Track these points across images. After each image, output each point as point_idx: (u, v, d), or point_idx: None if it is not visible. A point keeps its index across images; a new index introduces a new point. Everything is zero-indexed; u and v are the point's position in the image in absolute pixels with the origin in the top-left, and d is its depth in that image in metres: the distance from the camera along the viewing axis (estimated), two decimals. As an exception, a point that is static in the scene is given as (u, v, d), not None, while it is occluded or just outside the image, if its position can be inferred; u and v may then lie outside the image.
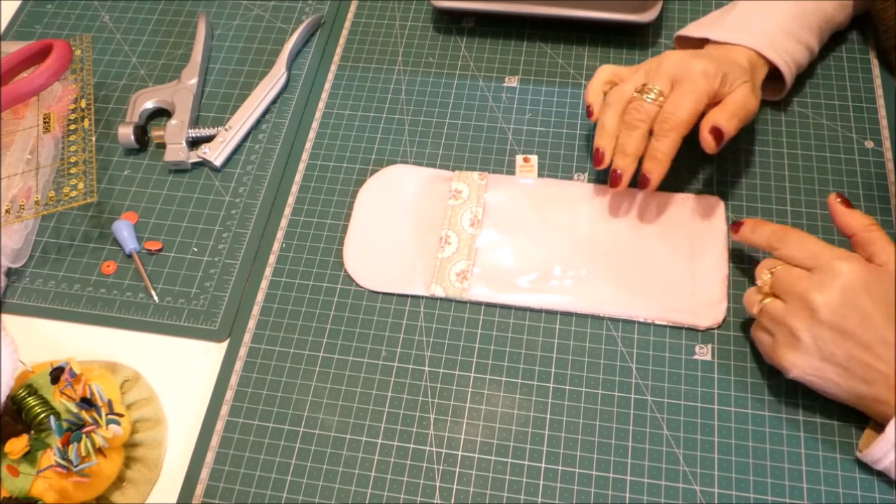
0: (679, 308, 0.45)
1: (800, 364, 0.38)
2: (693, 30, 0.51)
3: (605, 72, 0.49)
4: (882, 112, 0.52)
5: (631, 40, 0.57)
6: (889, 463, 0.38)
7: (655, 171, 0.44)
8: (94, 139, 0.53)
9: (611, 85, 0.48)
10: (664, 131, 0.43)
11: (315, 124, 0.55)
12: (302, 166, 0.53)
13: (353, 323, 0.47)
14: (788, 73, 0.48)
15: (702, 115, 0.44)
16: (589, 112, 0.48)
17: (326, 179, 0.53)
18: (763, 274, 0.40)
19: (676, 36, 0.53)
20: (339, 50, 0.59)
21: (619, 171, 0.45)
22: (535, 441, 0.42)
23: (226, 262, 0.50)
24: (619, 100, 0.46)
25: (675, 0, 0.58)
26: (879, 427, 0.39)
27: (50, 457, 0.39)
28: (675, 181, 0.50)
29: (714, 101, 0.44)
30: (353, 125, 0.55)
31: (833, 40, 0.54)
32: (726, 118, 0.43)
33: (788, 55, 0.48)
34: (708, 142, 0.43)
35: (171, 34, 0.61)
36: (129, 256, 0.50)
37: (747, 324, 0.45)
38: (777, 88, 0.51)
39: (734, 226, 0.43)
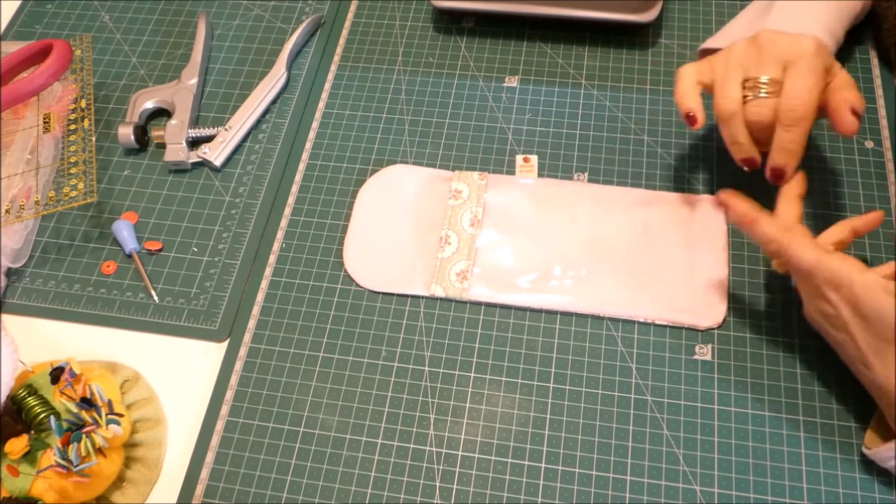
0: (679, 308, 0.45)
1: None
2: (720, 40, 0.48)
3: (691, 73, 0.44)
4: (882, 112, 0.52)
5: (631, 40, 0.57)
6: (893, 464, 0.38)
7: (790, 162, 0.41)
8: (94, 139, 0.53)
9: (702, 86, 0.44)
10: (794, 121, 0.39)
11: (315, 124, 0.55)
12: (302, 166, 0.53)
13: (353, 323, 0.47)
14: None
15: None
16: (691, 121, 0.43)
17: (326, 179, 0.53)
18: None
19: (701, 50, 0.49)
20: (339, 50, 0.59)
21: (783, 169, 0.41)
22: (535, 441, 0.42)
23: (226, 262, 0.50)
24: (734, 109, 0.41)
25: (675, 0, 0.58)
26: (883, 422, 0.39)
27: (50, 457, 0.39)
28: (675, 181, 0.50)
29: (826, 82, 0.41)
30: (353, 125, 0.55)
31: (833, 40, 0.54)
32: (858, 97, 0.40)
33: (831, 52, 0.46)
34: (851, 122, 0.40)
35: (171, 34, 0.61)
36: (129, 256, 0.50)
37: (747, 324, 0.45)
38: None
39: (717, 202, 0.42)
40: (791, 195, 0.41)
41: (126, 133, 0.54)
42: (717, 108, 0.42)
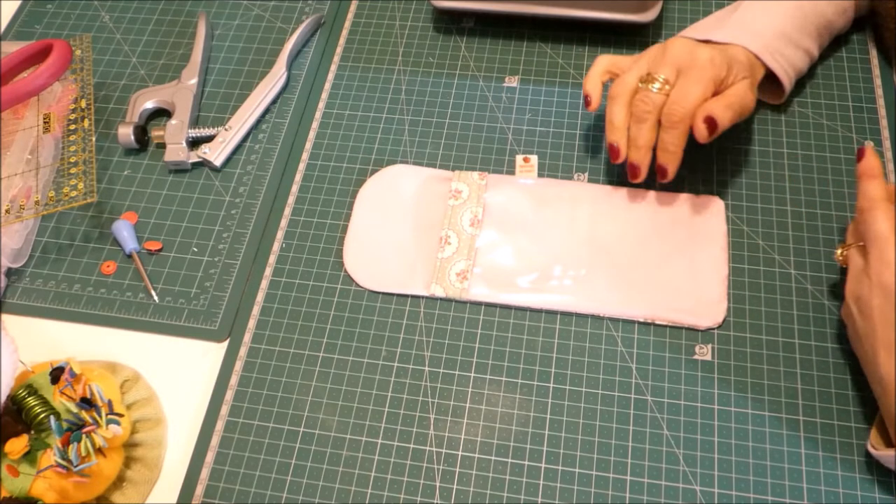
0: (679, 308, 0.45)
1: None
2: (694, 31, 0.51)
3: (604, 61, 0.48)
4: (882, 112, 0.52)
5: (631, 40, 0.57)
6: None
7: (670, 162, 0.44)
8: (94, 139, 0.53)
9: (609, 75, 0.48)
10: (673, 123, 0.43)
11: (315, 124, 0.55)
12: (302, 166, 0.53)
13: (353, 323, 0.47)
14: (786, 77, 0.48)
15: None
16: (587, 102, 0.47)
17: (326, 179, 0.53)
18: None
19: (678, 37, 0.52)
20: (339, 50, 0.59)
21: (636, 165, 0.45)
22: (535, 441, 0.42)
23: (226, 262, 0.50)
24: (623, 91, 0.45)
25: (675, 0, 0.58)
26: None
27: (50, 457, 0.39)
28: (675, 181, 0.50)
29: (716, 92, 0.44)
30: (353, 125, 0.55)
31: (833, 41, 0.54)
32: (721, 108, 0.43)
33: (786, 60, 0.48)
34: (700, 130, 0.43)
35: (171, 34, 0.61)
36: (129, 256, 0.50)
37: (747, 324, 0.45)
38: (777, 93, 0.51)
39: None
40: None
41: (126, 133, 0.54)
42: (610, 89, 0.46)
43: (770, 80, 0.49)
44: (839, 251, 0.42)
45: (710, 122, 0.43)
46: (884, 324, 0.37)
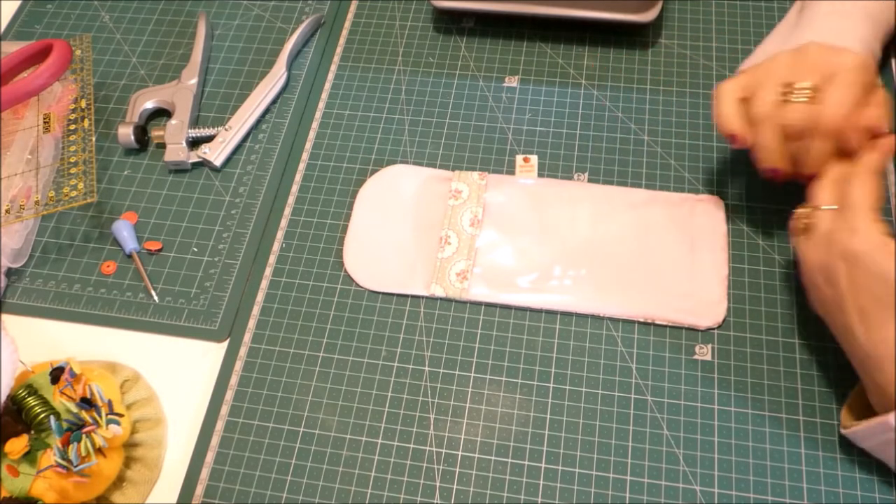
0: (679, 308, 0.45)
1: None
2: (765, 56, 0.47)
3: (731, 90, 0.42)
4: (882, 112, 0.52)
5: (631, 40, 0.57)
6: (873, 444, 0.38)
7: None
8: (94, 139, 0.53)
9: (743, 100, 0.42)
10: (828, 135, 0.39)
11: (315, 124, 0.55)
12: (302, 166, 0.53)
13: (353, 323, 0.47)
14: None
15: None
16: (734, 140, 0.42)
17: (326, 179, 0.53)
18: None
19: (741, 72, 0.47)
20: (339, 50, 0.59)
21: (812, 175, 0.41)
22: (535, 441, 0.42)
23: (226, 262, 0.50)
24: (769, 112, 0.40)
25: (675, 0, 0.58)
26: (858, 403, 0.40)
27: (50, 457, 0.39)
28: (675, 181, 0.50)
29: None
30: (353, 125, 0.55)
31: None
32: (878, 115, 0.39)
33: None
34: (867, 144, 0.39)
35: (171, 34, 0.61)
36: (129, 256, 0.50)
37: (747, 324, 0.45)
38: None
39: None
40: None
41: (126, 133, 0.54)
42: (751, 111, 0.41)
43: None
44: (800, 220, 0.40)
45: (878, 136, 0.39)
46: (853, 292, 0.36)
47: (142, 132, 0.55)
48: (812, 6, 0.47)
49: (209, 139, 0.54)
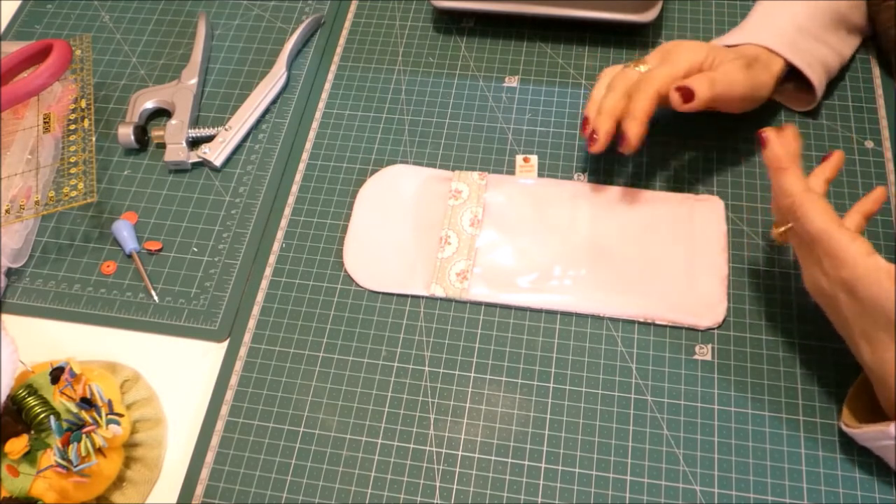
0: (679, 308, 0.45)
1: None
2: (717, 41, 0.51)
3: (610, 70, 0.49)
4: (882, 112, 0.52)
5: (631, 40, 0.57)
6: (872, 445, 0.38)
7: (632, 128, 0.44)
8: (94, 139, 0.53)
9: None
10: (639, 90, 0.44)
11: (315, 124, 0.55)
12: (302, 166, 0.53)
13: (353, 323, 0.47)
14: (810, 70, 0.48)
15: None
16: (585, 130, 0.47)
17: (326, 179, 0.53)
18: None
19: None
20: (339, 50, 0.59)
21: (595, 129, 0.46)
22: (535, 441, 0.42)
23: (226, 262, 0.50)
24: (609, 73, 0.48)
25: (675, 0, 0.58)
26: (859, 398, 0.40)
27: (50, 457, 0.39)
28: (675, 181, 0.50)
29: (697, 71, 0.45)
30: (353, 125, 0.55)
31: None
32: (699, 80, 0.43)
33: (808, 53, 0.48)
34: (674, 98, 0.43)
35: (171, 34, 0.61)
36: (129, 256, 0.50)
37: (747, 324, 0.45)
38: (806, 97, 0.50)
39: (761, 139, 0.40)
40: (822, 176, 0.41)
41: (126, 133, 0.54)
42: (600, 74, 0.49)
43: (799, 82, 0.49)
44: (777, 231, 0.40)
45: (685, 91, 0.43)
46: (854, 316, 0.36)
47: (142, 132, 0.55)
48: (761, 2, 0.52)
49: (209, 139, 0.54)
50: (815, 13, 0.49)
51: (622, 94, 0.45)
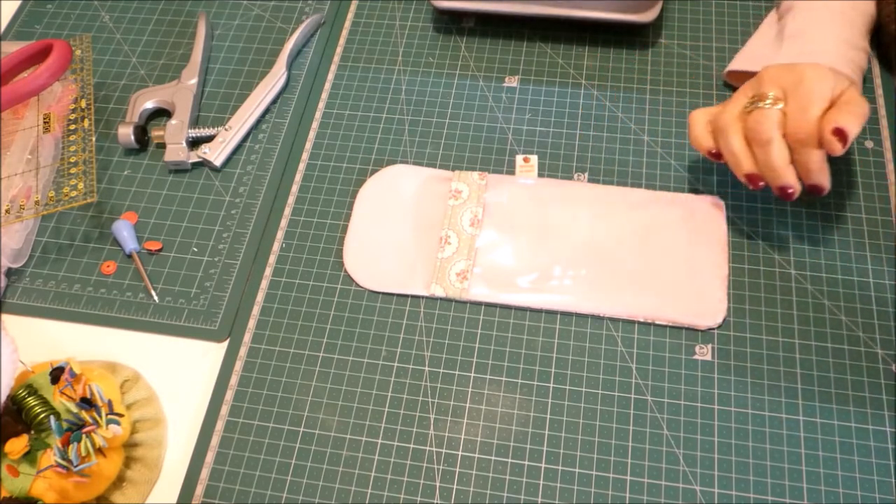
0: (679, 308, 0.45)
1: None
2: (749, 62, 0.50)
3: (700, 115, 0.46)
4: (882, 112, 0.52)
5: (631, 40, 0.57)
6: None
7: (823, 178, 0.43)
8: (94, 139, 0.53)
9: (711, 126, 0.46)
10: (802, 140, 0.41)
11: (315, 124, 0.55)
12: (302, 166, 0.53)
13: (353, 323, 0.47)
14: (859, 81, 0.47)
15: None
16: (715, 157, 0.45)
17: (326, 179, 0.53)
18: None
19: (727, 72, 0.52)
20: (339, 50, 0.59)
21: (787, 186, 0.42)
22: (535, 441, 0.42)
23: (226, 262, 0.50)
24: (731, 121, 0.43)
25: (675, 0, 0.58)
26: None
27: (50, 457, 0.39)
28: (675, 181, 0.50)
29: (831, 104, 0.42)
30: (353, 125, 0.55)
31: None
32: (846, 116, 0.41)
33: (855, 65, 0.47)
34: (833, 144, 0.41)
35: (171, 34, 0.61)
36: (129, 256, 0.50)
37: (747, 324, 0.45)
38: None
39: None
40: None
41: (126, 133, 0.54)
42: (714, 124, 0.45)
43: None
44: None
45: (840, 133, 0.40)
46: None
47: (142, 132, 0.55)
48: (791, 18, 0.49)
49: (209, 139, 0.54)
50: (853, 23, 0.48)
51: (782, 142, 0.42)
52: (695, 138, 0.46)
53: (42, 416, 0.40)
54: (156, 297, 0.49)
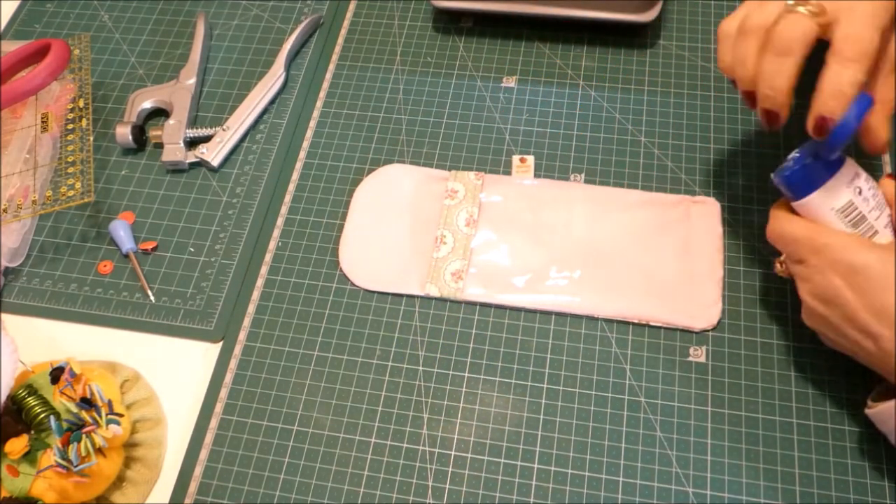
0: (674, 309, 0.45)
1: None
2: None
3: (728, 25, 0.37)
4: (881, 113, 0.51)
5: (630, 41, 0.56)
6: (885, 428, 0.37)
7: (840, 107, 0.33)
8: (91, 139, 0.54)
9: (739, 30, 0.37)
10: (846, 60, 0.32)
11: (312, 123, 0.55)
12: (299, 165, 0.53)
13: (349, 322, 0.47)
14: None
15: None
16: (735, 83, 0.37)
17: (323, 179, 0.53)
18: None
19: None
20: (337, 50, 0.59)
21: (773, 111, 0.35)
22: (528, 441, 0.42)
23: (222, 262, 0.50)
24: (761, 24, 0.34)
25: (675, 0, 0.58)
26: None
27: (50, 457, 0.39)
28: (671, 183, 0.50)
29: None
30: (351, 124, 0.55)
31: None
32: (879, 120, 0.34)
33: None
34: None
35: (170, 34, 0.61)
36: (126, 256, 0.51)
37: (742, 326, 0.45)
38: None
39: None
40: None
41: (124, 133, 0.54)
42: (743, 22, 0.35)
43: None
44: (779, 265, 0.42)
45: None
46: (858, 296, 0.34)
47: (140, 132, 0.55)
48: None
49: (207, 139, 0.54)
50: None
51: (799, 63, 0.34)
52: (721, 59, 0.37)
53: (42, 416, 0.40)
54: (152, 297, 0.49)
